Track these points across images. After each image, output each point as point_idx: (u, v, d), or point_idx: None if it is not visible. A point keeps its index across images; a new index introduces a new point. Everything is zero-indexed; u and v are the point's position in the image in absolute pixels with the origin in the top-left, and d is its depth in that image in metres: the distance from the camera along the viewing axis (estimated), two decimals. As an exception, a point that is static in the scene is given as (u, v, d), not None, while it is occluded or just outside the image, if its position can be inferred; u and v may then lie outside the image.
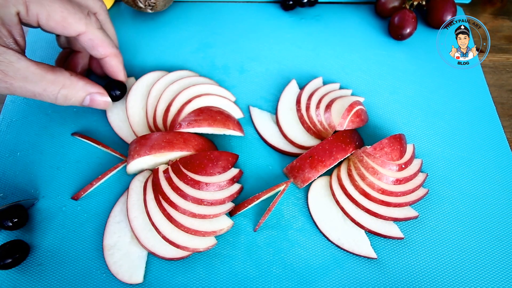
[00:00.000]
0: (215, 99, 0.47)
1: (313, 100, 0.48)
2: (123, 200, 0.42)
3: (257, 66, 0.54)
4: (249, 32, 0.57)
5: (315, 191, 0.44)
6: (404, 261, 0.41)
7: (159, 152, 0.41)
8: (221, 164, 0.42)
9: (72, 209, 0.42)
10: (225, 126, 0.44)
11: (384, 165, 0.42)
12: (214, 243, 0.39)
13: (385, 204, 0.41)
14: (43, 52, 0.54)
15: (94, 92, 0.40)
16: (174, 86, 0.48)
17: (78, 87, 0.38)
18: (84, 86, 0.39)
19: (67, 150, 0.45)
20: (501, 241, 0.42)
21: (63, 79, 0.37)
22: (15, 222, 0.39)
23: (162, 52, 0.55)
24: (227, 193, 0.41)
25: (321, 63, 0.55)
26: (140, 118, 0.46)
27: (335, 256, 0.41)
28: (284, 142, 0.47)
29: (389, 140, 0.43)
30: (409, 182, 0.43)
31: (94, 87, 0.40)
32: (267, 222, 0.42)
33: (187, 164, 0.41)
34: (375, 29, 0.59)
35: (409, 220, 0.42)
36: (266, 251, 0.41)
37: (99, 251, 0.39)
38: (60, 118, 0.48)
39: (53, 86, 0.36)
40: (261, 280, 0.39)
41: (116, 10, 0.59)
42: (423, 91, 0.53)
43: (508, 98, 0.54)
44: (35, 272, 0.38)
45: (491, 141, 0.49)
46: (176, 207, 0.39)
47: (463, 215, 0.44)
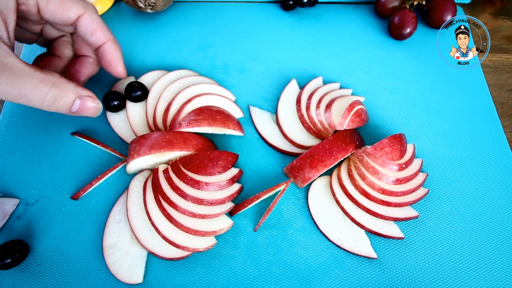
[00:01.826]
0: (215, 99, 0.47)
1: (313, 99, 0.48)
2: (123, 200, 0.42)
3: (257, 66, 0.54)
4: (249, 32, 0.57)
5: (315, 191, 0.44)
6: (404, 261, 0.41)
7: (159, 152, 0.41)
8: (221, 164, 0.42)
9: (72, 209, 0.42)
10: (225, 126, 0.44)
11: (385, 165, 0.42)
12: (214, 243, 0.39)
13: (385, 204, 0.41)
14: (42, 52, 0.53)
15: (84, 95, 0.38)
16: (174, 85, 0.48)
17: (68, 88, 0.36)
18: (74, 87, 0.37)
19: (67, 150, 0.45)
20: (501, 241, 0.42)
21: (53, 78, 0.35)
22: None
23: (162, 52, 0.55)
24: (227, 193, 0.41)
25: (321, 63, 0.55)
26: (140, 118, 0.46)
27: (335, 256, 0.41)
28: (284, 142, 0.47)
29: (390, 140, 0.43)
30: (409, 182, 0.43)
31: (85, 90, 0.38)
32: (267, 222, 0.42)
33: (187, 163, 0.41)
34: (375, 29, 0.59)
35: (410, 220, 0.42)
36: (266, 251, 0.41)
37: (99, 251, 0.39)
38: (60, 118, 0.48)
39: (42, 84, 0.34)
40: (261, 280, 0.39)
41: (116, 10, 0.59)
42: (423, 91, 0.53)
43: (508, 98, 0.54)
44: (35, 272, 0.38)
45: (491, 141, 0.49)
46: (176, 207, 0.39)
47: (463, 215, 0.44)
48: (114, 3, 0.59)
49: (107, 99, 0.46)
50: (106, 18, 0.58)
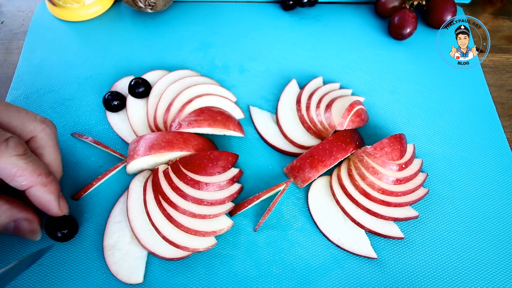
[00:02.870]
0: (216, 99, 0.47)
1: (313, 99, 0.48)
2: (123, 200, 0.42)
3: (257, 66, 0.54)
4: (249, 32, 0.57)
5: (315, 191, 0.44)
6: (405, 261, 0.41)
7: (159, 152, 0.41)
8: (221, 164, 0.42)
9: (72, 209, 0.42)
10: (225, 127, 0.44)
11: (385, 165, 0.42)
12: (214, 243, 0.39)
13: (385, 204, 0.41)
14: (42, 52, 0.54)
15: (20, 218, 0.34)
16: (175, 85, 0.48)
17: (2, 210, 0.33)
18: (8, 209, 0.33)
19: (67, 150, 0.45)
20: (501, 241, 0.42)
21: None
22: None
23: (162, 52, 0.55)
24: (227, 193, 0.41)
25: (321, 63, 0.55)
26: (140, 118, 0.46)
27: (335, 256, 0.41)
28: (284, 142, 0.47)
29: (390, 140, 0.43)
30: (409, 182, 0.43)
31: (21, 212, 0.34)
32: (267, 222, 0.42)
33: (187, 164, 0.41)
34: (375, 29, 0.59)
35: (410, 220, 0.42)
36: (266, 251, 0.41)
37: (99, 251, 0.39)
38: (59, 118, 0.48)
39: None
40: (261, 280, 0.39)
41: (116, 10, 0.59)
42: (423, 91, 0.53)
43: (508, 98, 0.54)
44: (35, 272, 0.38)
45: (491, 141, 0.49)
46: (176, 207, 0.39)
47: (463, 215, 0.44)
48: (114, 3, 0.59)
49: (107, 99, 0.46)
50: (106, 18, 0.58)
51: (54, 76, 0.51)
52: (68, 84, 0.51)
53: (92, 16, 0.57)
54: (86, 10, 0.56)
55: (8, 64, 0.54)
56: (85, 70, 0.52)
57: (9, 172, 0.32)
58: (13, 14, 0.59)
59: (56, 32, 0.56)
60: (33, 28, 0.56)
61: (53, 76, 0.51)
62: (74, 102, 0.49)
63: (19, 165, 0.33)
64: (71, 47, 0.54)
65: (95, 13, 0.57)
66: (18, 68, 0.52)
